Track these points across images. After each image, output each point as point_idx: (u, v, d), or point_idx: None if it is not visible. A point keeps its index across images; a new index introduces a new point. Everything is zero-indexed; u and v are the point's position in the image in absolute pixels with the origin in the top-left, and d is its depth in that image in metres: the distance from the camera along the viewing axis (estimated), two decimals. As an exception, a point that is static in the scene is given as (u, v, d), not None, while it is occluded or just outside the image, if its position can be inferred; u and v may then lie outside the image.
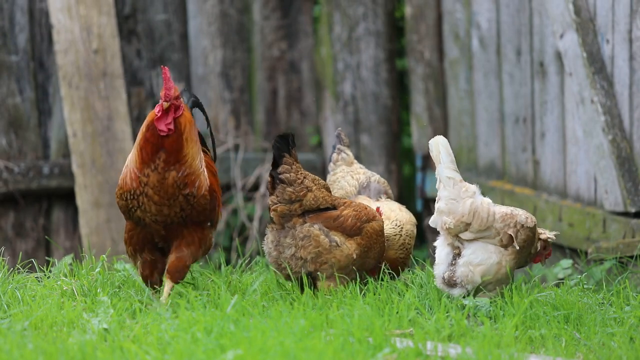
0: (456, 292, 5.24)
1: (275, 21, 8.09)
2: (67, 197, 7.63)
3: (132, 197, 5.05)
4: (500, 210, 5.25)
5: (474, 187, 5.26)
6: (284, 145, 5.16)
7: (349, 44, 8.09)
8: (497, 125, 7.45)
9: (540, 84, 7.04)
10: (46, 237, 7.62)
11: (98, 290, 5.14)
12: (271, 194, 5.22)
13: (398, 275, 5.50)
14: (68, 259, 6.33)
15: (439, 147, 5.27)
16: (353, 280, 5.24)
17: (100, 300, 4.99)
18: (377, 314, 4.76)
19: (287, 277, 5.23)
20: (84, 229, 7.54)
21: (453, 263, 5.25)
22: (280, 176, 5.17)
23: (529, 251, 5.30)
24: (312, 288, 5.21)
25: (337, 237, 5.20)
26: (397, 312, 4.81)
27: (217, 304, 4.97)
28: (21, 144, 7.57)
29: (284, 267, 5.20)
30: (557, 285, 6.23)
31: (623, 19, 6.28)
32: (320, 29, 8.17)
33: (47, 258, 7.36)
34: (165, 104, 5.03)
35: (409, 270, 5.72)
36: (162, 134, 5.04)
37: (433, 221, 5.29)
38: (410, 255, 5.64)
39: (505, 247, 5.22)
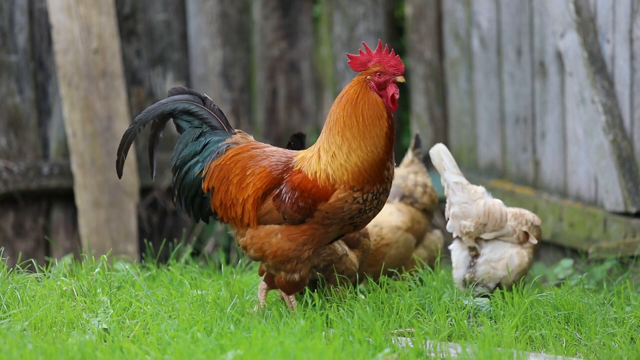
0: (478, 291, 5.32)
1: (275, 21, 8.09)
2: (66, 197, 7.62)
3: (374, 197, 4.67)
4: (509, 210, 5.35)
5: (481, 189, 5.34)
6: (298, 144, 5.14)
7: (349, 43, 8.08)
8: (498, 125, 7.44)
9: (541, 83, 7.03)
10: (46, 237, 7.61)
11: (98, 290, 5.14)
12: None
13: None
14: (68, 259, 6.33)
15: (441, 155, 5.34)
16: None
17: (100, 301, 4.98)
18: (377, 314, 4.76)
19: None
20: (84, 229, 7.53)
21: (472, 264, 5.32)
22: None
23: (536, 248, 5.42)
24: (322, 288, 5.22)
25: (345, 247, 5.22)
26: (397, 313, 4.81)
27: (217, 304, 4.96)
28: (21, 143, 7.56)
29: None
30: (558, 285, 6.23)
31: (624, 19, 6.27)
32: (320, 28, 8.16)
33: (46, 258, 7.36)
34: (401, 78, 4.63)
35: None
36: (392, 111, 4.63)
37: (450, 226, 5.35)
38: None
39: (522, 244, 5.31)
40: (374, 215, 4.73)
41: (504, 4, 7.28)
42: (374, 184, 4.63)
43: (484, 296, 5.30)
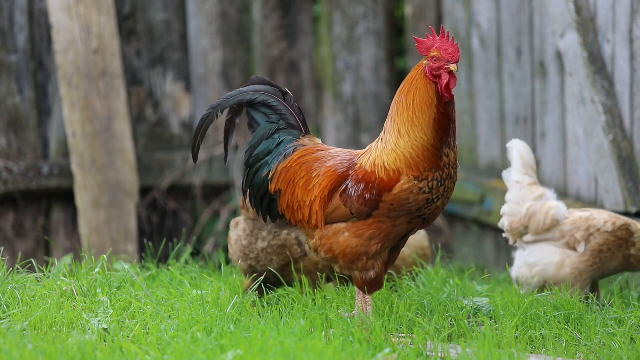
0: (523, 291, 5.36)
1: (275, 21, 8.09)
2: (66, 197, 7.62)
3: (439, 183, 4.59)
4: (577, 214, 5.34)
5: (541, 191, 5.35)
6: None
7: (349, 43, 8.08)
8: (498, 125, 7.44)
9: (541, 83, 7.03)
10: (46, 237, 7.61)
11: (98, 290, 5.14)
12: None
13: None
14: (67, 259, 6.33)
15: (513, 151, 5.39)
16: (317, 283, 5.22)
17: (99, 301, 4.98)
18: (377, 314, 4.76)
19: (249, 268, 5.18)
20: (84, 229, 7.53)
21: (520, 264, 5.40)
22: None
23: (618, 255, 5.32)
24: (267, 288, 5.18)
25: (307, 246, 5.16)
26: (397, 312, 4.80)
27: (217, 304, 4.96)
28: (21, 143, 7.56)
29: (252, 257, 5.15)
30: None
31: (624, 19, 6.27)
32: (320, 28, 8.16)
33: (46, 258, 7.36)
34: (454, 66, 4.57)
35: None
36: (445, 99, 4.56)
37: (501, 223, 5.40)
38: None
39: (574, 249, 5.29)
40: (443, 205, 4.65)
41: (504, 4, 7.28)
42: (434, 172, 4.58)
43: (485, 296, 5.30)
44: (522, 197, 5.38)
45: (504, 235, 5.50)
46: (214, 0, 7.94)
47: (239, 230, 5.19)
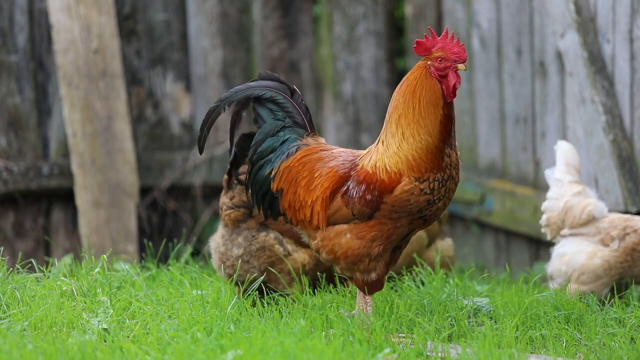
0: (551, 287, 5.40)
1: (275, 21, 8.09)
2: (66, 197, 7.62)
3: (440, 184, 4.56)
4: (616, 215, 5.43)
5: (581, 188, 5.49)
6: (248, 144, 4.87)
7: (349, 43, 8.08)
8: (498, 125, 7.44)
9: (541, 83, 7.03)
10: (46, 237, 7.61)
11: (98, 290, 5.14)
12: (225, 194, 5.10)
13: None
14: (67, 259, 6.33)
15: (558, 151, 5.56)
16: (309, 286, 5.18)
17: (99, 301, 4.98)
18: (377, 314, 4.76)
19: (228, 278, 5.15)
20: (84, 229, 7.53)
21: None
22: (240, 177, 5.03)
23: None
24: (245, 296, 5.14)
25: (290, 246, 5.14)
26: (397, 312, 4.80)
27: (217, 304, 4.96)
28: (21, 143, 7.56)
29: (229, 265, 5.10)
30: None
31: (624, 19, 6.27)
32: (320, 28, 8.16)
33: (46, 258, 7.36)
34: (462, 66, 4.55)
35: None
36: (450, 99, 4.55)
37: (541, 220, 5.53)
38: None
39: (607, 247, 5.35)
40: (445, 206, 4.62)
41: (504, 4, 7.28)
42: (436, 172, 4.56)
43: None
44: (561, 193, 5.47)
45: (542, 230, 5.54)
46: (214, 0, 7.94)
47: (217, 236, 5.16)
